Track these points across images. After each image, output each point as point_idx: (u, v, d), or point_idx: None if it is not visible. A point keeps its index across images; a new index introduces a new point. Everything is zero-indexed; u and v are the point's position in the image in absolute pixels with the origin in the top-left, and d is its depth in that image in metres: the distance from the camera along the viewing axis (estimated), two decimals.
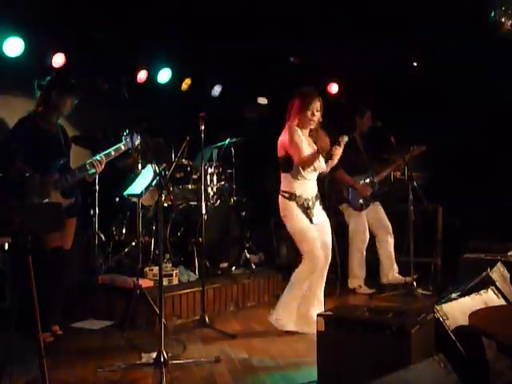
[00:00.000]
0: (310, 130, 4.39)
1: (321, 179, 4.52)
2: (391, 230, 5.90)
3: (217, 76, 7.07)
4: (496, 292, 3.40)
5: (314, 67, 6.65)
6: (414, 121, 6.17)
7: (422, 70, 6.31)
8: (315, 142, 4.36)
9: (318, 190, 4.42)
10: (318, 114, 4.30)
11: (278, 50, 6.43)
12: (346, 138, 4.21)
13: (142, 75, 6.28)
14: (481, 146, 5.85)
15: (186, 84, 6.84)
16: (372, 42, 6.05)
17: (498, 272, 3.73)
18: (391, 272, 5.89)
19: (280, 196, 4.33)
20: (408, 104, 6.24)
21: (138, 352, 3.80)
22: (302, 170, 4.21)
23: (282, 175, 4.35)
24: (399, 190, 5.88)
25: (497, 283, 3.52)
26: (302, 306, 4.34)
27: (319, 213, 4.39)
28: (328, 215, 4.53)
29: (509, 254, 4.48)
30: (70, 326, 4.47)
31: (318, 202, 4.39)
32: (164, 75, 6.56)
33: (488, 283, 3.50)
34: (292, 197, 4.26)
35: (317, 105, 4.28)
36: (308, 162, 4.19)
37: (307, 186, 4.32)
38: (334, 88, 6.87)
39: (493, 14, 4.93)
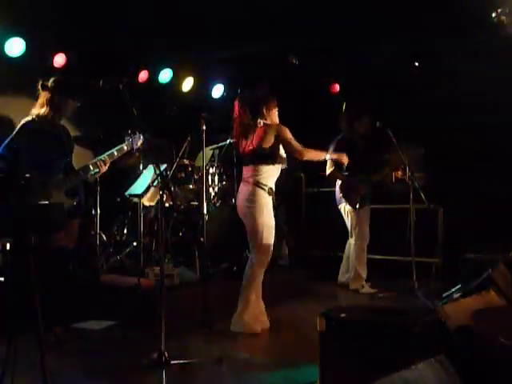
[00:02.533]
0: None
1: None
2: (368, 237, 5.95)
3: (218, 76, 7.07)
4: (498, 292, 3.40)
5: (314, 67, 6.65)
6: (414, 120, 6.16)
7: (423, 69, 6.30)
8: None
9: None
10: None
11: (278, 50, 6.43)
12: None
13: (143, 75, 6.28)
14: (481, 146, 5.84)
15: (187, 84, 6.84)
16: (373, 41, 6.06)
17: (499, 272, 3.72)
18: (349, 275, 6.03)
19: (256, 187, 4.34)
20: (409, 103, 6.24)
21: (140, 352, 3.81)
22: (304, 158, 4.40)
23: (259, 167, 4.37)
24: (400, 190, 5.88)
25: (498, 283, 3.51)
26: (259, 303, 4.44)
27: None
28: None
29: (510, 254, 4.48)
30: (71, 326, 4.47)
31: None
32: (165, 75, 6.56)
33: (489, 283, 3.49)
34: (270, 191, 4.35)
35: None
36: (312, 156, 4.48)
37: (274, 181, 4.44)
38: (335, 88, 6.86)
39: (494, 14, 4.94)
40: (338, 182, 5.90)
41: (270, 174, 4.39)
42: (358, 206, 5.84)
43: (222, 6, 5.32)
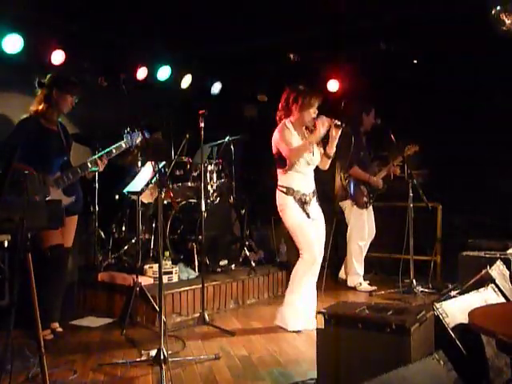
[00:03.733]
0: (306, 127, 4.43)
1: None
2: (372, 238, 5.94)
3: (216, 73, 7.06)
4: (495, 290, 3.41)
5: (313, 64, 6.64)
6: (413, 118, 6.16)
7: (422, 67, 6.29)
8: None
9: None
10: (316, 112, 4.35)
11: (277, 47, 6.42)
12: (338, 122, 4.27)
13: (142, 72, 6.27)
14: (480, 144, 5.84)
15: (186, 81, 6.83)
16: (371, 39, 6.06)
17: (497, 270, 3.73)
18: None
19: (277, 191, 4.38)
20: (408, 102, 6.24)
21: (138, 349, 3.82)
22: (294, 161, 4.26)
23: (278, 171, 4.40)
24: (399, 187, 5.88)
25: (496, 281, 3.52)
26: (304, 303, 4.38)
27: (316, 209, 4.44)
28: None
29: (508, 251, 4.48)
30: (69, 323, 4.48)
31: (314, 199, 4.43)
32: (163, 72, 6.55)
33: (487, 281, 3.50)
34: (289, 191, 4.32)
35: (318, 104, 4.35)
36: (298, 152, 4.24)
37: (304, 181, 4.38)
38: (333, 85, 6.85)
39: (493, 11, 4.93)
40: (338, 180, 5.89)
41: (293, 177, 4.33)
42: (365, 206, 5.83)
43: (221, 2, 5.31)
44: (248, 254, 5.74)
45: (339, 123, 4.29)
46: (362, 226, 5.85)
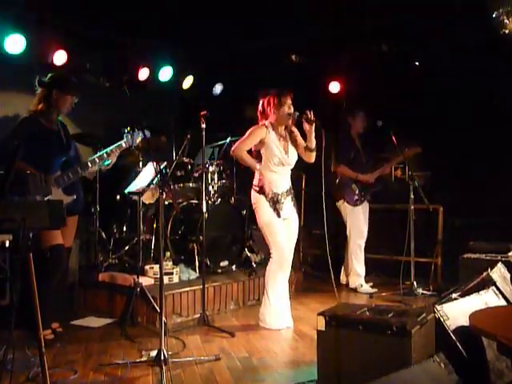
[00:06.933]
0: (286, 127, 4.52)
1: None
2: (366, 235, 5.94)
3: (218, 74, 7.07)
4: (496, 292, 3.40)
5: (314, 66, 6.64)
6: (415, 120, 6.15)
7: (424, 69, 6.29)
8: (290, 135, 4.54)
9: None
10: (291, 109, 4.43)
11: (279, 48, 6.42)
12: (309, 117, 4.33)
13: (144, 73, 6.27)
14: (482, 146, 5.84)
15: (187, 82, 6.83)
16: (372, 40, 6.07)
17: (498, 272, 3.73)
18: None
19: (252, 189, 4.50)
20: (409, 103, 6.23)
21: (139, 350, 3.82)
22: (234, 154, 4.41)
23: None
24: (400, 189, 5.88)
25: (497, 283, 3.52)
26: (279, 302, 4.47)
27: (289, 208, 4.51)
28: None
29: (509, 254, 4.48)
30: (70, 323, 4.48)
31: (289, 198, 4.50)
32: (165, 73, 6.56)
33: (488, 283, 3.50)
34: (261, 191, 4.42)
35: (290, 101, 4.44)
36: (242, 156, 4.39)
37: (278, 180, 4.45)
38: (335, 87, 6.84)
39: (495, 14, 4.93)
40: (337, 180, 5.89)
41: (267, 176, 4.40)
42: (356, 204, 5.83)
43: (223, 3, 5.31)
44: (249, 255, 5.74)
45: (310, 118, 4.34)
46: (359, 224, 5.87)
